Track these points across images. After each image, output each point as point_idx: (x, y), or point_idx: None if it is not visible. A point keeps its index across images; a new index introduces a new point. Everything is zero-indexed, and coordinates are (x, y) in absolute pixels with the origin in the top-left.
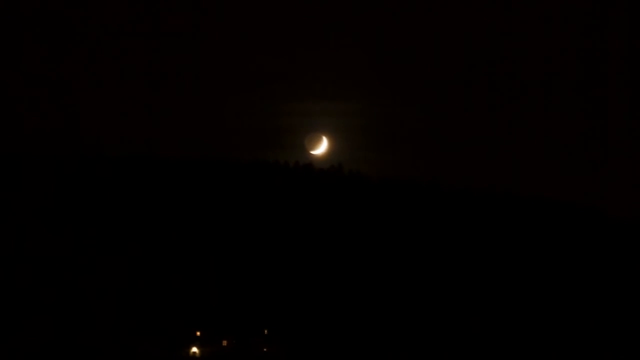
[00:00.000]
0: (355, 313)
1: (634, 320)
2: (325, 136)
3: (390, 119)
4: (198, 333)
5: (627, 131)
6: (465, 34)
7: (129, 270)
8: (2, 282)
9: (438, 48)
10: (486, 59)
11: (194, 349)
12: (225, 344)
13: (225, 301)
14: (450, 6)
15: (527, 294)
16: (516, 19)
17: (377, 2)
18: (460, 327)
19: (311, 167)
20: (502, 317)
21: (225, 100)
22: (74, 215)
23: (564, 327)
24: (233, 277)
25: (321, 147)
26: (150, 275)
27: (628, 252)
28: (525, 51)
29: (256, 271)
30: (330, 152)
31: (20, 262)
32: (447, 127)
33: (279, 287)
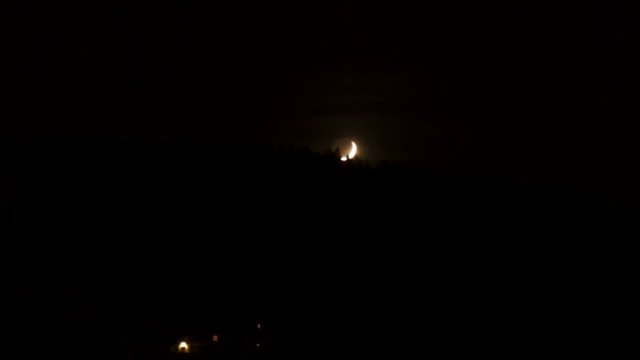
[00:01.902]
0: (350, 306)
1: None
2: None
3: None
4: (188, 328)
5: (633, 120)
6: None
7: (117, 263)
8: None
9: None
10: (491, 52)
11: (183, 344)
12: (216, 339)
13: (217, 294)
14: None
15: (531, 282)
16: (524, 16)
17: None
18: (462, 316)
19: (307, 151)
20: (507, 304)
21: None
22: (59, 206)
23: (567, 317)
24: (224, 270)
25: (351, 153)
26: (138, 268)
27: (632, 240)
28: (531, 45)
29: (248, 264)
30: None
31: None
32: (452, 117)
33: (271, 280)
